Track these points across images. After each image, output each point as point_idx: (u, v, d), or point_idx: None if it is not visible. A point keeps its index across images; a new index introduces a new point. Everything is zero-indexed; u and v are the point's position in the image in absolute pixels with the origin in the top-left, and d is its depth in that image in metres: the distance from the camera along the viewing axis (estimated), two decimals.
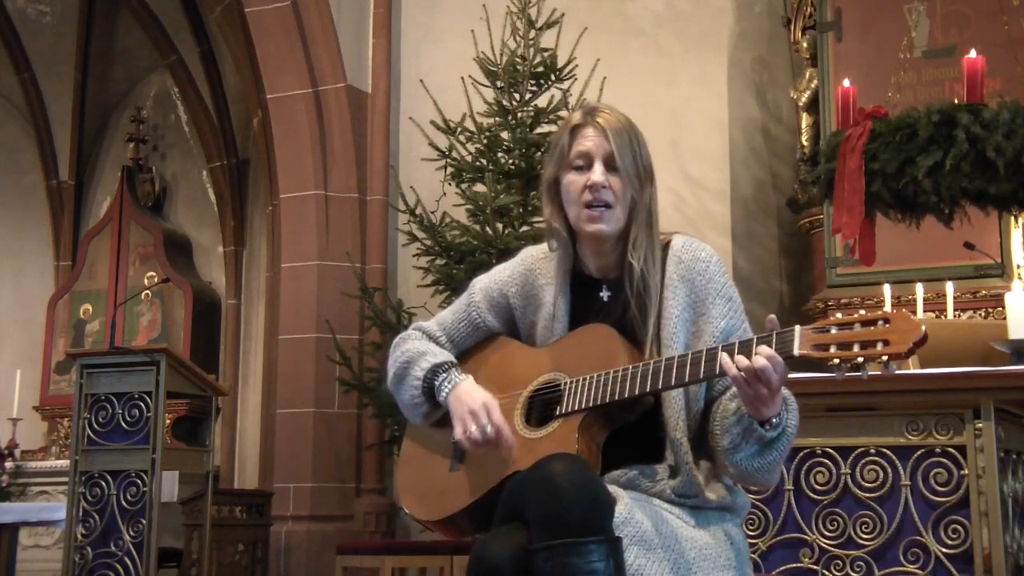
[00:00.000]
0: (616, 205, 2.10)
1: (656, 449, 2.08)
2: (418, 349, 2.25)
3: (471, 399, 2.11)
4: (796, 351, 1.84)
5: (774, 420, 1.94)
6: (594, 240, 2.14)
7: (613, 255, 2.15)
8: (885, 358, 1.79)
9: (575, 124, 2.15)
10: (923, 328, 1.76)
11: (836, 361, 1.82)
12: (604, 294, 2.16)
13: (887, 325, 1.79)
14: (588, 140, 2.12)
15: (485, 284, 2.29)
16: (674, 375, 1.95)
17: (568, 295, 2.19)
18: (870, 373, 1.81)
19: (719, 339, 2.03)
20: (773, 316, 1.91)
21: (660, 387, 1.98)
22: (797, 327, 1.86)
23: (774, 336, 1.87)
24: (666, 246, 2.15)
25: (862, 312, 1.83)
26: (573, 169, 2.13)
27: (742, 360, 1.86)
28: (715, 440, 2.02)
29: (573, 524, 1.81)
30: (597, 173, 2.10)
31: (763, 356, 1.85)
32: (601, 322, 2.13)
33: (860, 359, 1.80)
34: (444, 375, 2.18)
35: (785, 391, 1.96)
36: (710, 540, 2.00)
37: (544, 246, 2.25)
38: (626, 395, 1.99)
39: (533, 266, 2.25)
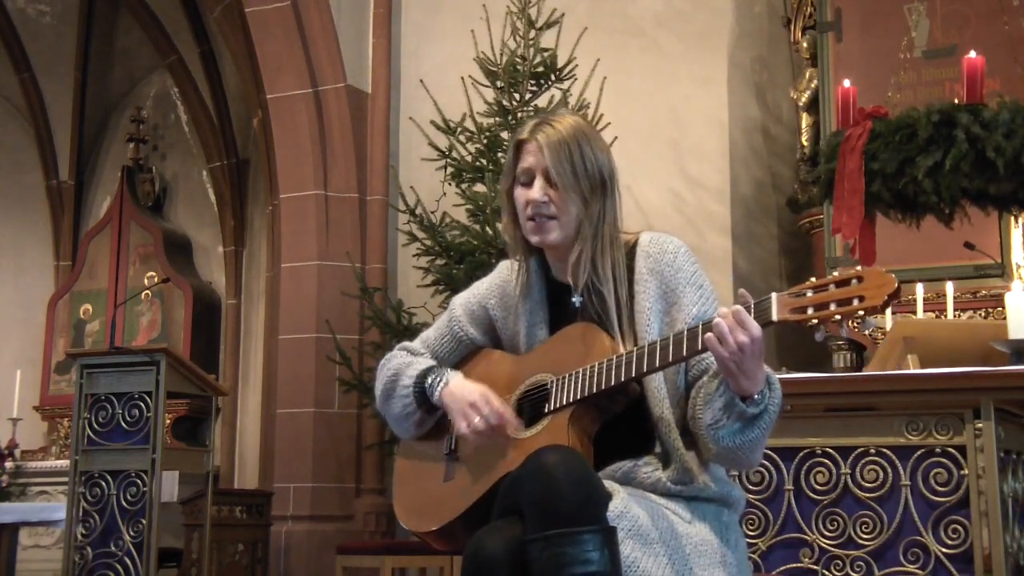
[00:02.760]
0: (561, 215, 2.12)
1: (646, 441, 2.09)
2: (404, 362, 2.29)
3: (467, 392, 2.14)
4: (775, 317, 1.86)
5: (756, 397, 1.95)
6: (545, 248, 2.18)
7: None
8: (862, 313, 1.81)
9: (519, 139, 2.18)
10: (896, 281, 1.79)
11: (815, 322, 1.84)
12: (575, 300, 2.17)
13: (861, 283, 1.81)
14: (530, 156, 2.14)
15: (464, 299, 2.33)
16: (658, 357, 1.97)
17: (544, 302, 2.22)
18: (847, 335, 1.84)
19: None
20: (743, 290, 1.93)
21: (646, 370, 1.99)
22: (773, 294, 1.89)
23: (752, 306, 1.89)
24: (634, 246, 2.17)
25: (835, 274, 1.85)
26: (520, 184, 2.16)
27: (721, 330, 1.87)
28: (696, 421, 2.02)
29: (567, 514, 1.82)
30: (535, 189, 2.13)
31: (738, 322, 1.87)
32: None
33: (838, 316, 1.82)
34: (434, 376, 2.21)
35: (768, 371, 1.98)
36: (707, 535, 2.01)
37: None
38: (612, 383, 2.01)
39: (510, 277, 2.27)
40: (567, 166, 2.10)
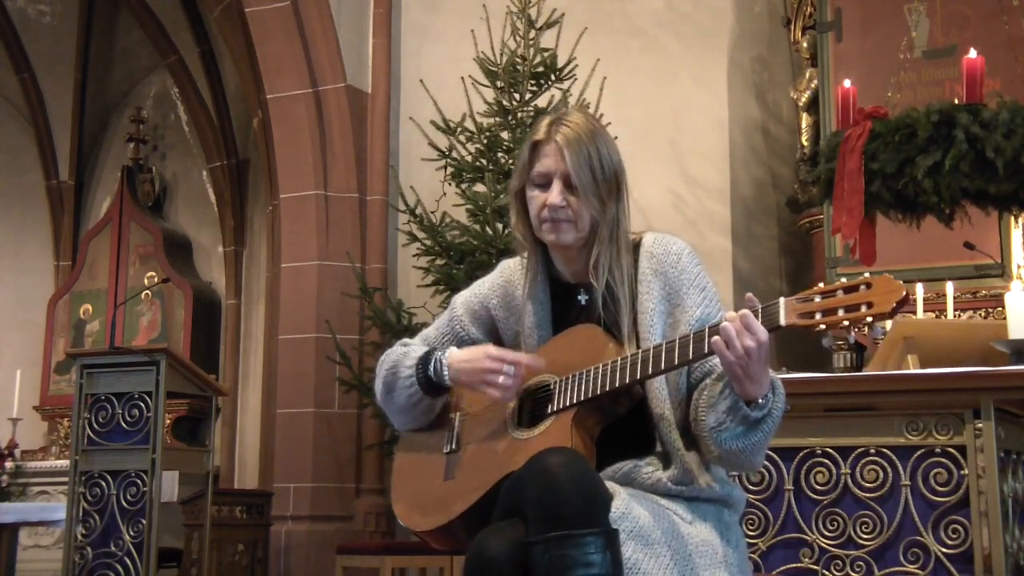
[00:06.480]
0: (578, 219, 2.11)
1: (648, 442, 2.09)
2: (400, 353, 2.28)
3: (472, 363, 2.13)
4: (783, 321, 1.86)
5: (760, 401, 1.95)
6: (558, 248, 2.16)
7: (583, 261, 2.16)
8: (870, 319, 1.81)
9: (536, 139, 2.15)
10: (904, 288, 1.79)
11: (823, 327, 1.84)
12: (581, 298, 2.17)
13: (869, 289, 1.81)
14: (548, 158, 2.12)
15: (466, 298, 2.32)
16: (663, 360, 1.97)
17: (547, 301, 2.21)
18: (855, 338, 1.84)
19: (695, 328, 2.02)
20: (751, 294, 1.92)
21: (651, 373, 1.99)
22: (781, 299, 1.89)
23: (760, 310, 1.89)
24: (637, 245, 2.16)
25: (843, 280, 1.85)
26: (536, 186, 2.14)
27: (728, 334, 1.87)
28: (699, 423, 2.02)
29: (570, 516, 1.82)
30: (554, 194, 2.10)
31: (746, 326, 1.86)
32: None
33: (846, 323, 1.82)
34: (433, 360, 2.20)
35: (773, 375, 1.98)
36: (708, 535, 2.01)
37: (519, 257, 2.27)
38: (617, 385, 2.01)
39: (512, 276, 2.27)
40: (587, 170, 2.08)
